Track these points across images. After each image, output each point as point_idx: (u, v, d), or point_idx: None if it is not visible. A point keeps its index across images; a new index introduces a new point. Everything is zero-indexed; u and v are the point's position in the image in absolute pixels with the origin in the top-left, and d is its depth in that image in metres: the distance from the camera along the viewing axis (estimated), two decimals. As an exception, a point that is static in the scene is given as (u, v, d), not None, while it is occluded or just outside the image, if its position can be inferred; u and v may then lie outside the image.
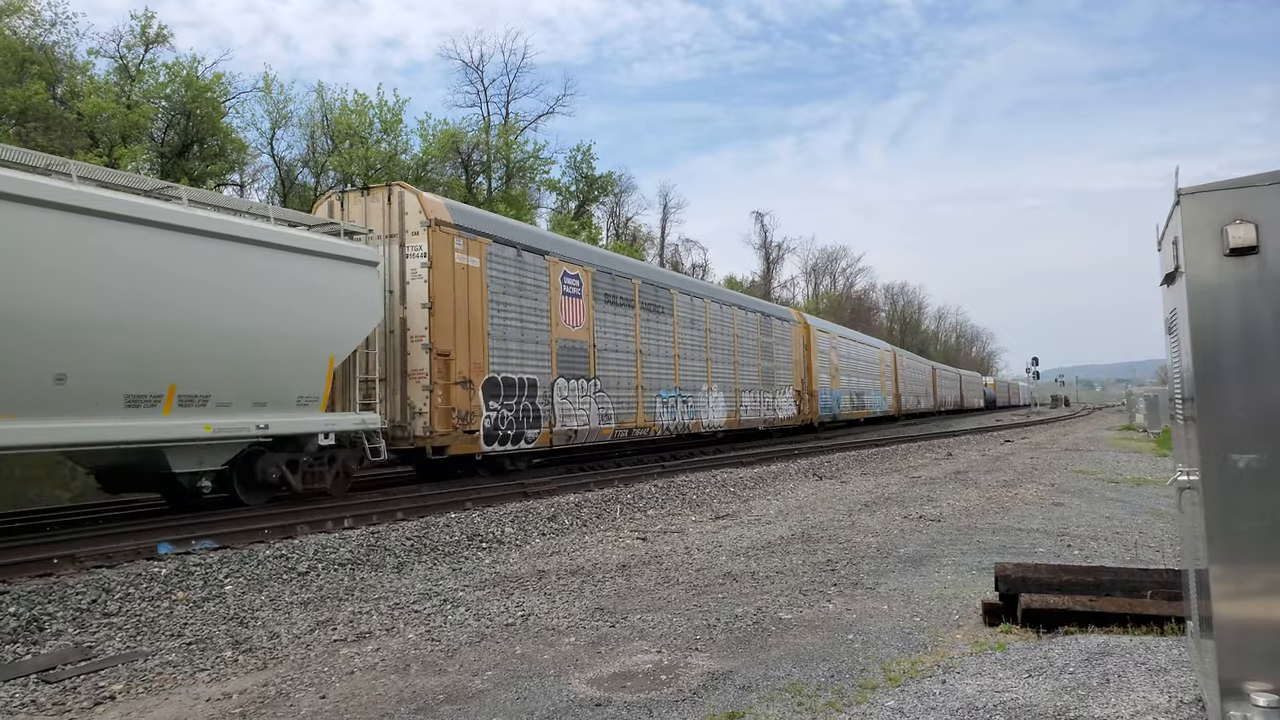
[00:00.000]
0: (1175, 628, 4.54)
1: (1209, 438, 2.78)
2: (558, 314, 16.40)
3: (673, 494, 12.34)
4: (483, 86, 43.23)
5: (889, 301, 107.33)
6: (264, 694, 4.28)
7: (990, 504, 10.64)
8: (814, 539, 8.36)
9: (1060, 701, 3.67)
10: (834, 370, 35.18)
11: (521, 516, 10.03)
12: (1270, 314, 2.73)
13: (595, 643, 5.01)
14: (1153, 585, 4.99)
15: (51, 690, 4.43)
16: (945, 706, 3.69)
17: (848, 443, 25.37)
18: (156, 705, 4.20)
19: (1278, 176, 2.76)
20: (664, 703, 3.94)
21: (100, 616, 5.88)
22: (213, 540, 8.61)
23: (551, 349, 16.10)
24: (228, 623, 5.75)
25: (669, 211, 61.88)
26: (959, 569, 6.77)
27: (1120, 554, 7.31)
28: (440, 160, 38.12)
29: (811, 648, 4.75)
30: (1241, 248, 2.73)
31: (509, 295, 15.15)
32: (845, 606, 5.69)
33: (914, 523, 9.25)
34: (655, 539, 8.70)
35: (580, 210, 48.08)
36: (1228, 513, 2.74)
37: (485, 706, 3.98)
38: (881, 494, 11.95)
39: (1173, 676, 3.86)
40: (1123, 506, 10.35)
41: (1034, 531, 8.52)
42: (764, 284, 71.82)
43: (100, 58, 28.91)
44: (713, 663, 4.53)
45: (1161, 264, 3.39)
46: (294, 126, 35.40)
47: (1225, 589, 2.75)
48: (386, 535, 8.77)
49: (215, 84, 30.46)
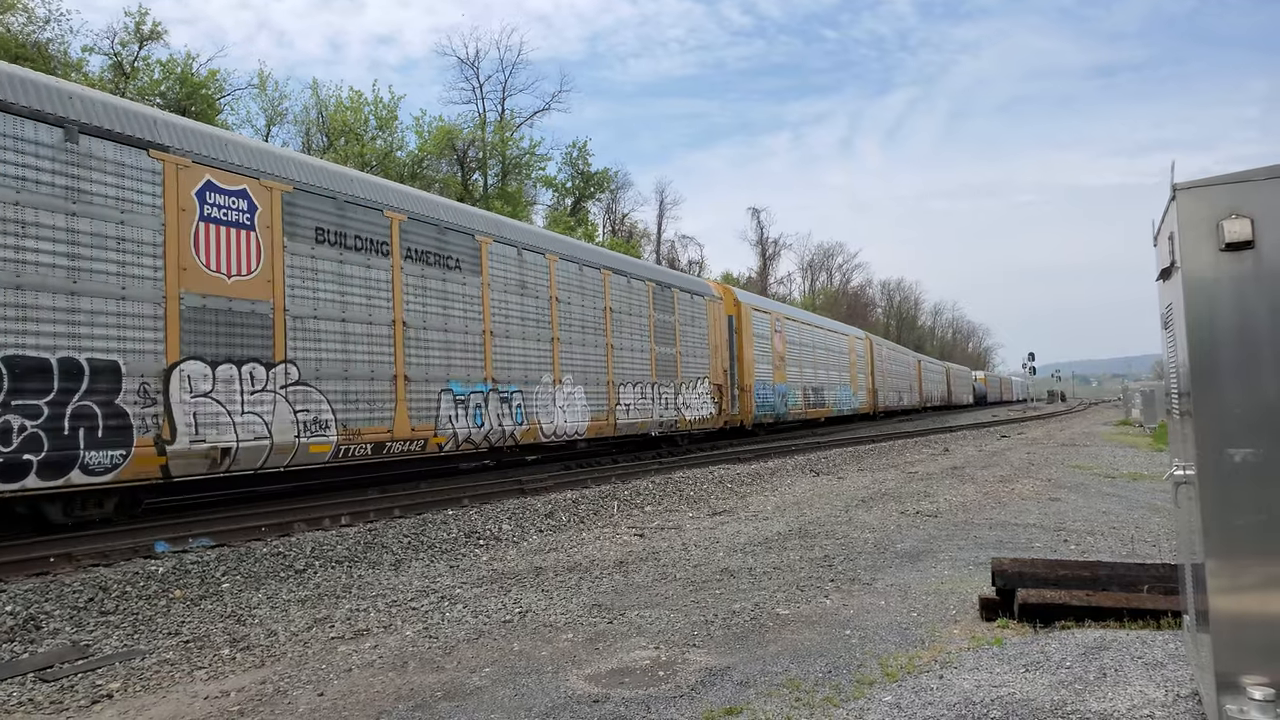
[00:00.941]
0: (1172, 622, 4.55)
1: (1205, 432, 2.79)
2: (184, 250, 9.51)
3: (670, 490, 12.35)
4: (478, 83, 43.22)
5: (885, 297, 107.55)
6: (262, 692, 4.28)
7: (987, 499, 10.66)
8: (811, 535, 8.37)
9: (1057, 696, 3.68)
10: (778, 359, 27.88)
11: (519, 513, 10.03)
12: (1266, 309, 2.74)
13: (593, 639, 5.02)
14: (1149, 580, 5.01)
15: (49, 689, 4.43)
16: (942, 701, 3.70)
17: (845, 439, 25.39)
18: (154, 703, 4.19)
19: (1273, 171, 2.76)
20: (662, 699, 3.94)
21: (97, 615, 5.87)
22: (210, 538, 8.60)
23: (166, 309, 9.22)
24: (225, 621, 5.75)
25: (665, 208, 61.99)
26: (956, 564, 6.78)
27: (1117, 549, 7.33)
28: (436, 157, 38.07)
29: (809, 643, 4.76)
30: (1237, 243, 2.74)
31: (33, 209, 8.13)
32: (842, 602, 5.70)
33: (911, 518, 9.26)
34: (653, 535, 8.71)
35: (576, 207, 48.08)
36: (1224, 507, 2.75)
37: (483, 703, 3.99)
38: (878, 489, 11.96)
39: (1169, 671, 3.88)
40: (1119, 501, 10.37)
41: (1031, 526, 8.53)
42: (760, 280, 71.87)
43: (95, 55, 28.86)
44: (710, 659, 4.54)
45: (1157, 259, 3.39)
46: (289, 123, 35.38)
47: (1221, 583, 2.76)
48: (384, 532, 8.76)
49: (210, 81, 30.40)
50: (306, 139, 35.26)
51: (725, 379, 23.64)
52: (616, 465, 16.81)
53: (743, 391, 24.79)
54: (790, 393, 28.86)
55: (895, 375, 48.40)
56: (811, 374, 31.52)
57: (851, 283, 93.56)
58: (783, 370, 28.43)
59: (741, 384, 24.81)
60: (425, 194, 14.85)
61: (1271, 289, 2.73)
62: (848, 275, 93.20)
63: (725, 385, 23.61)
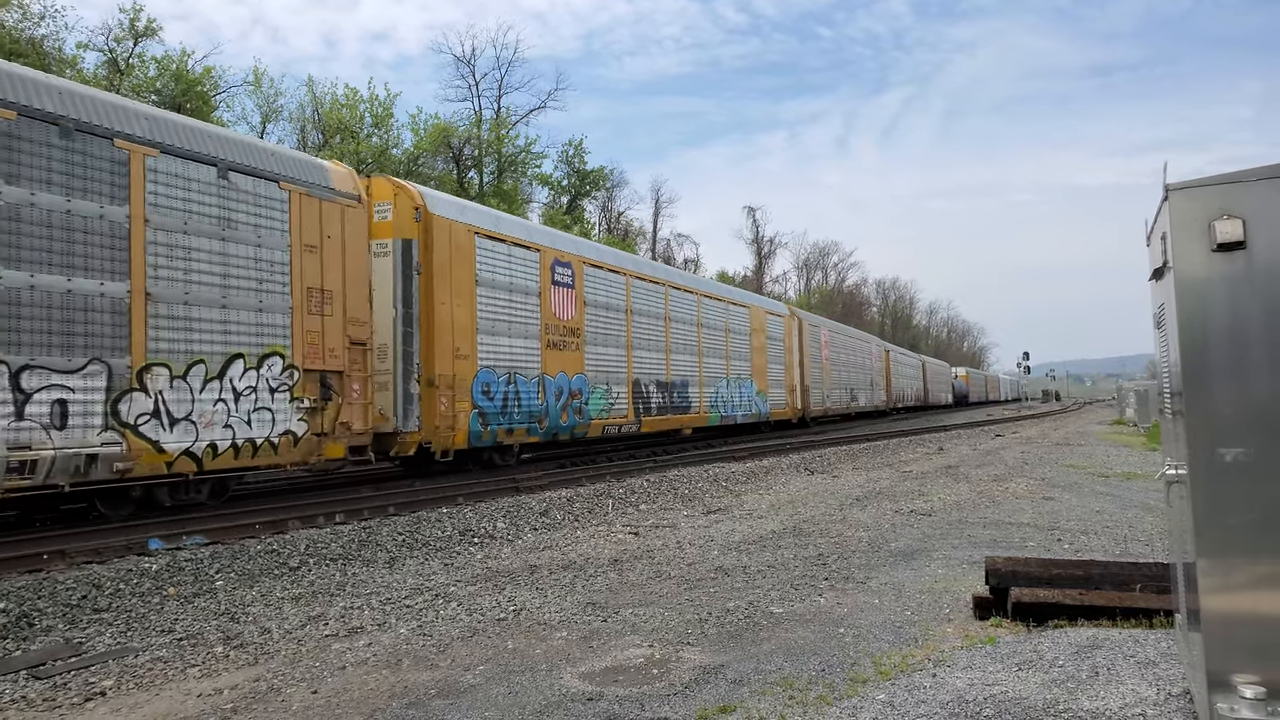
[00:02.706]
0: (1164, 621, 4.57)
1: (1197, 432, 2.80)
2: None
3: (665, 489, 12.36)
4: (474, 81, 43.17)
5: (880, 296, 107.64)
6: (255, 689, 4.28)
7: (981, 498, 10.68)
8: (805, 533, 8.38)
9: (1050, 694, 3.69)
10: (565, 335, 16.33)
11: (513, 511, 10.03)
12: (1257, 309, 2.75)
13: (587, 637, 5.02)
14: (1142, 579, 5.03)
15: (42, 686, 4.42)
16: (936, 700, 3.71)
17: (840, 437, 25.36)
18: (147, 701, 4.19)
19: (1266, 172, 2.77)
20: (656, 697, 3.95)
21: (91, 612, 5.86)
22: (203, 536, 8.59)
23: None
24: (219, 618, 5.74)
25: (661, 206, 61.99)
26: (949, 563, 6.80)
27: (1110, 548, 7.36)
28: (432, 154, 38.04)
29: (803, 642, 4.76)
30: (1229, 243, 2.75)
31: None
32: (836, 600, 5.71)
33: (905, 517, 9.28)
34: (647, 533, 8.71)
35: (572, 205, 48.07)
36: (1215, 506, 2.76)
37: (477, 701, 3.99)
38: (873, 488, 11.98)
39: (1161, 669, 3.89)
40: (1112, 501, 10.40)
41: (1024, 526, 8.56)
42: (756, 279, 71.91)
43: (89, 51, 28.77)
44: (704, 657, 4.54)
45: (1150, 259, 3.40)
46: (284, 120, 35.30)
47: (1213, 582, 2.77)
48: (378, 530, 8.76)
49: (205, 78, 30.33)
50: (302, 136, 35.18)
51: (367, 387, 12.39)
52: (612, 464, 16.82)
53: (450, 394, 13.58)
54: (590, 392, 16.94)
55: (847, 369, 37.44)
56: (648, 362, 19.34)
57: (847, 282, 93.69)
58: (574, 351, 16.52)
59: (451, 383, 13.66)
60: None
61: (1263, 289, 2.74)
62: (843, 274, 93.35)
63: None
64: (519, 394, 14.88)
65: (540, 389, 15.47)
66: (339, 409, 11.45)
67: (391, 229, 12.99)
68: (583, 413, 16.70)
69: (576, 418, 16.49)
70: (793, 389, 29.39)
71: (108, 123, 9.03)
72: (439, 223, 13.35)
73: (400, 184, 13.39)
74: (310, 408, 11.03)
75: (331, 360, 11.38)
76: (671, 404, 20.51)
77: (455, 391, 13.32)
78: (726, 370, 23.96)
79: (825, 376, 33.18)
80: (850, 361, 38.18)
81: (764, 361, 26.84)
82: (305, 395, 10.96)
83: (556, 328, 16.13)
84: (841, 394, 35.69)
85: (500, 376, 14.44)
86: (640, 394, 19.01)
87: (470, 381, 13.68)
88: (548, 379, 15.74)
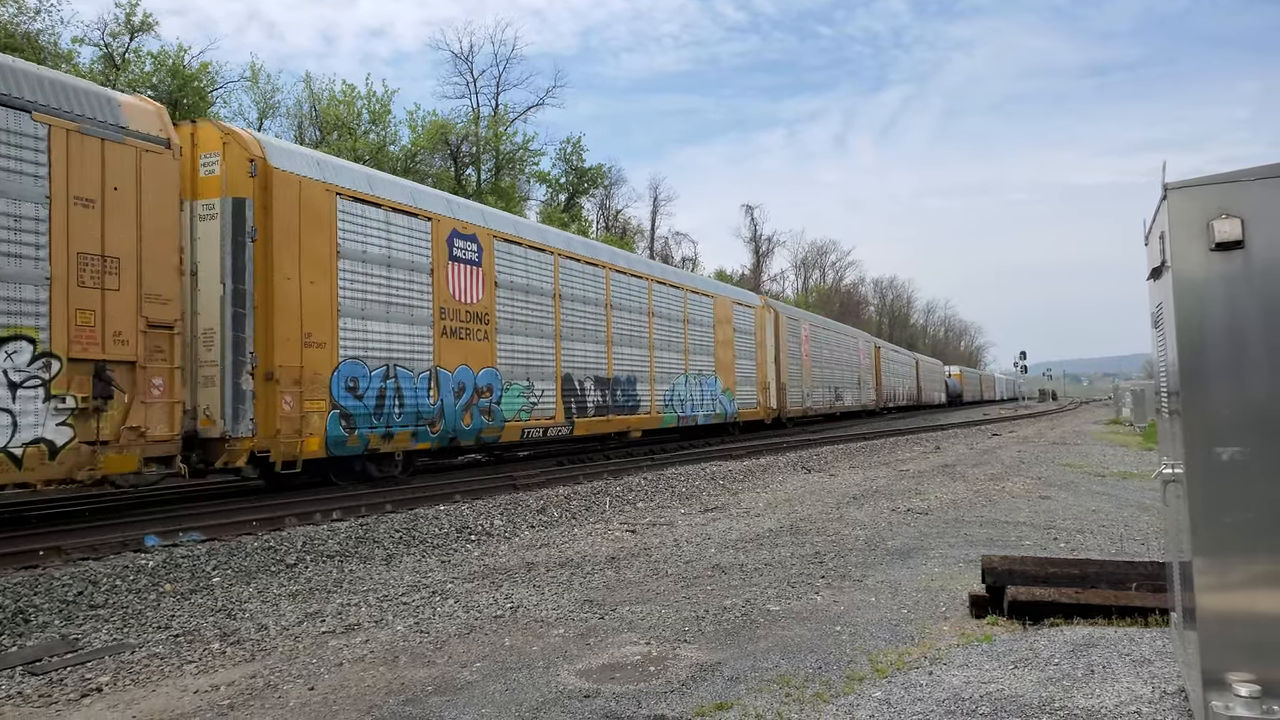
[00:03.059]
0: (1159, 619, 4.58)
1: (1194, 431, 2.81)
2: None
3: (662, 487, 12.37)
4: (472, 78, 43.12)
5: (878, 295, 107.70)
6: (252, 685, 4.28)
7: (977, 497, 10.70)
8: (802, 531, 8.39)
9: (1046, 692, 3.70)
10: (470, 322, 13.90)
11: (510, 509, 10.03)
12: (1255, 308, 2.76)
13: (584, 634, 5.02)
14: (1138, 577, 5.04)
15: (38, 682, 4.41)
16: (932, 698, 3.71)
17: (837, 436, 25.38)
18: (144, 697, 4.18)
19: (1263, 172, 2.78)
20: (653, 694, 3.95)
21: (87, 609, 5.85)
22: (200, 532, 8.58)
23: None
24: (215, 615, 5.73)
25: (659, 204, 61.98)
26: (946, 561, 6.81)
27: (1106, 547, 7.37)
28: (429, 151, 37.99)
29: (799, 639, 4.77)
30: (1227, 242, 2.75)
31: None
32: (833, 598, 5.71)
33: (902, 515, 9.30)
34: (644, 531, 8.72)
35: (570, 202, 48.03)
36: (1211, 505, 2.77)
37: (474, 698, 3.99)
38: (869, 487, 12.00)
39: (1156, 667, 3.90)
40: (1109, 500, 10.42)
41: (1021, 524, 8.57)
42: (754, 277, 71.93)
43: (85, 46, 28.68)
44: (701, 654, 4.55)
45: (1148, 258, 3.41)
46: (281, 117, 35.24)
47: (1208, 581, 2.78)
48: (375, 527, 8.75)
49: (202, 73, 30.26)
50: (299, 132, 35.13)
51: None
52: (609, 461, 16.81)
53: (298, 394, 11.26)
54: (504, 389, 14.41)
55: (833, 365, 35.36)
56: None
57: (844, 281, 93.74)
58: (481, 341, 14.07)
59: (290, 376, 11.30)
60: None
61: (1261, 289, 2.75)
62: (841, 273, 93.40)
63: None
64: (400, 391, 12.26)
65: (432, 385, 12.85)
66: (127, 410, 8.70)
67: (219, 185, 10.31)
68: (493, 413, 14.08)
69: (484, 419, 13.88)
70: (765, 387, 26.77)
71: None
72: (283, 179, 10.73)
73: (232, 130, 10.79)
74: (79, 409, 8.29)
75: (116, 347, 8.69)
76: (614, 403, 17.97)
77: (305, 387, 10.72)
78: (685, 366, 21.57)
79: (806, 374, 30.68)
80: (835, 358, 35.90)
81: (731, 356, 24.45)
82: (70, 392, 8.23)
83: (456, 312, 13.49)
84: (825, 393, 33.29)
85: (374, 370, 11.83)
86: (573, 392, 16.52)
87: (328, 375, 11.11)
88: (444, 373, 13.08)
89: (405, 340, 12.48)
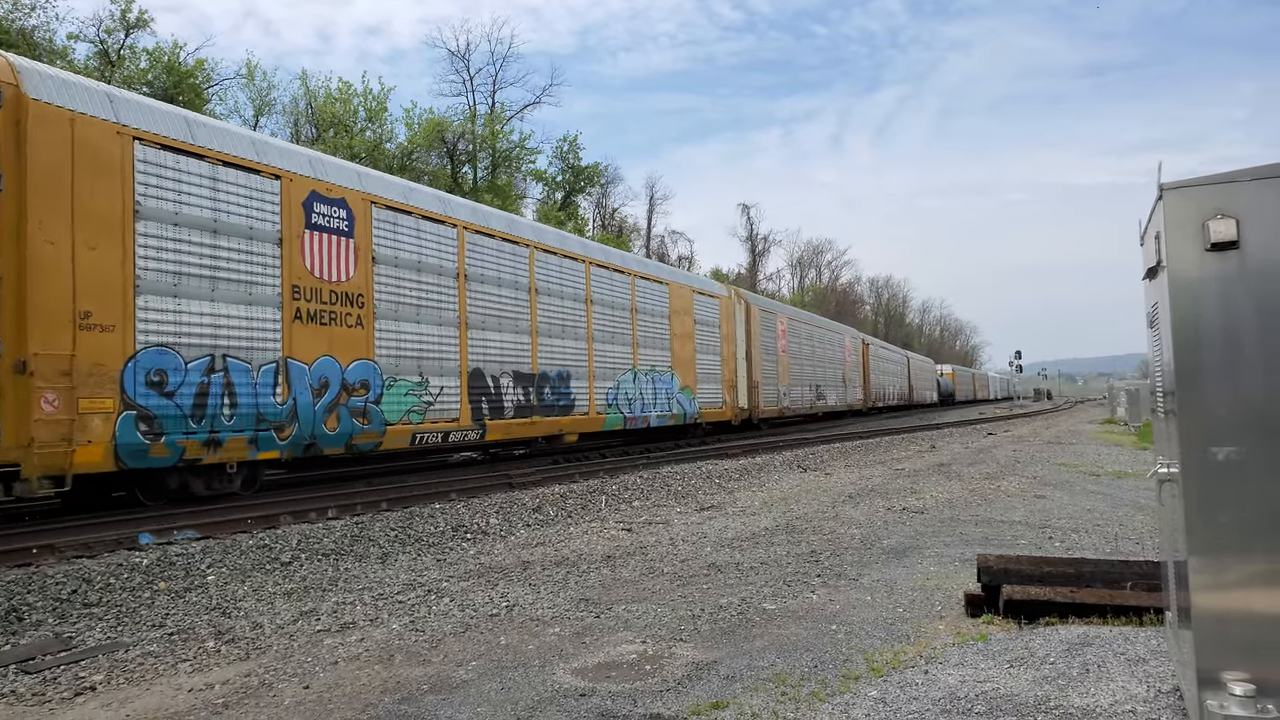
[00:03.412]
0: (1154, 618, 4.59)
1: (1189, 431, 2.81)
2: None
3: (658, 485, 12.37)
4: (469, 76, 43.07)
5: (874, 295, 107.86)
6: (247, 684, 4.27)
7: (973, 496, 10.72)
8: (798, 530, 8.40)
9: (1041, 691, 3.71)
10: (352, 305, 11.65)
11: (506, 507, 10.03)
12: (1250, 309, 2.76)
13: (580, 633, 5.02)
14: (1133, 577, 5.05)
15: (31, 680, 4.40)
16: (927, 696, 3.72)
17: (833, 435, 25.41)
18: (138, 695, 4.17)
19: (1259, 172, 2.78)
20: (649, 693, 3.95)
21: (81, 607, 5.84)
22: (195, 530, 8.56)
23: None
24: (210, 613, 5.72)
25: (655, 203, 62.05)
26: (942, 560, 6.82)
27: (1101, 546, 7.39)
28: (426, 149, 37.95)
29: (795, 638, 4.77)
30: (1222, 243, 2.76)
31: None
32: (829, 597, 5.72)
33: (897, 514, 9.31)
34: (640, 530, 8.72)
35: (567, 201, 48.01)
36: (1206, 505, 2.77)
37: (470, 697, 3.98)
38: (865, 486, 12.01)
39: (1151, 666, 3.91)
40: (1104, 499, 10.45)
41: (1016, 523, 8.59)
42: (750, 276, 71.98)
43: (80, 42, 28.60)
44: (697, 653, 4.55)
45: (1144, 258, 3.41)
46: (278, 114, 35.17)
47: (1203, 580, 2.78)
48: (370, 525, 8.74)
49: (198, 70, 30.19)
50: (295, 130, 35.07)
51: None
52: (605, 460, 16.81)
53: None
54: (386, 385, 12.14)
55: (814, 362, 32.76)
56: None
57: (840, 280, 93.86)
58: (353, 328, 11.74)
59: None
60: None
61: (1256, 289, 2.75)
62: (837, 272, 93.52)
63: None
64: (232, 387, 9.97)
65: (280, 380, 10.53)
66: None
67: None
68: (369, 415, 11.75)
69: (357, 422, 11.54)
70: (732, 385, 24.19)
71: None
72: (46, 114, 8.39)
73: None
74: None
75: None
76: (541, 402, 15.69)
77: (79, 382, 8.44)
78: (634, 360, 19.16)
79: (783, 371, 28.17)
80: (817, 354, 33.17)
81: (691, 351, 21.82)
82: None
83: (316, 292, 11.13)
84: (804, 391, 30.73)
85: (192, 361, 9.56)
86: (483, 389, 14.13)
87: (118, 367, 8.82)
88: (297, 366, 10.77)
89: (241, 325, 10.17)
